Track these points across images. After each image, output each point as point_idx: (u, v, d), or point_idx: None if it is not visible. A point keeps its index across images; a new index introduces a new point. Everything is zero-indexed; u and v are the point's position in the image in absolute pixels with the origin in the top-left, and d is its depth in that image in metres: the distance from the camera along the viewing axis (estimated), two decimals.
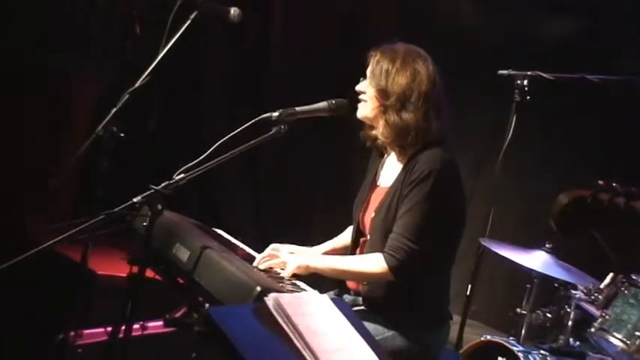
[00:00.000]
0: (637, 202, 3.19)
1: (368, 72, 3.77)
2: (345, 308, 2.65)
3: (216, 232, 3.97)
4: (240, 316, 2.44)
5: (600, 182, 3.26)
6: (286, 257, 3.65)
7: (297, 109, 3.58)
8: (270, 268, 3.61)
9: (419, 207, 3.56)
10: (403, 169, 3.71)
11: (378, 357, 2.53)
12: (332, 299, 2.70)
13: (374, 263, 3.59)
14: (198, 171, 3.35)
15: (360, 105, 3.80)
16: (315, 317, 2.51)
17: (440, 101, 3.72)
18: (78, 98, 6.28)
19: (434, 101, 3.68)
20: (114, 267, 4.89)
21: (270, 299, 2.46)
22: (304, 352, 2.37)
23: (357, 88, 3.80)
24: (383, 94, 3.70)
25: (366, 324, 3.02)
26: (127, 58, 5.35)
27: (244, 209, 7.47)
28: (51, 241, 3.26)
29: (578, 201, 3.34)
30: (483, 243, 4.85)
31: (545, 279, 4.67)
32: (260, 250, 3.82)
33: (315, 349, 2.38)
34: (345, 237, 4.09)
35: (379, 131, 3.75)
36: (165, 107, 6.98)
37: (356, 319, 2.64)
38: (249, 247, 3.95)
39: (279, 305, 2.45)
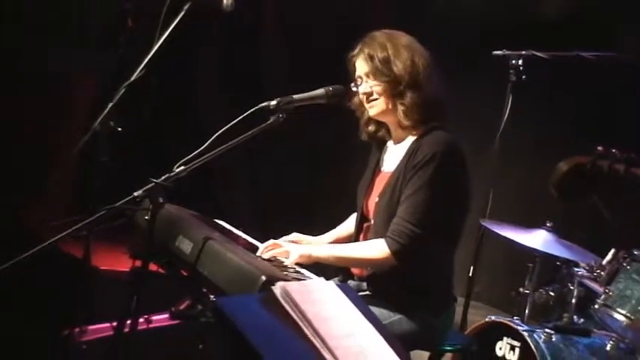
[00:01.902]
0: (637, 168, 3.18)
1: (365, 71, 3.72)
2: (351, 294, 2.65)
3: (217, 222, 3.97)
4: (248, 306, 2.43)
5: (599, 148, 3.25)
6: (289, 246, 3.64)
7: (294, 96, 3.57)
8: (274, 257, 3.60)
9: (422, 191, 3.55)
10: (407, 152, 3.69)
11: (387, 341, 2.53)
12: (338, 285, 2.70)
13: (376, 249, 3.58)
14: (198, 162, 3.35)
15: (371, 104, 3.75)
16: (323, 304, 2.51)
17: (436, 67, 3.73)
18: (75, 94, 6.27)
19: (434, 67, 3.69)
20: (116, 262, 4.90)
21: (277, 288, 2.46)
22: (313, 339, 2.37)
23: (362, 91, 3.75)
24: (394, 83, 3.67)
25: (372, 309, 3.01)
26: (121, 51, 5.33)
27: (245, 199, 7.47)
28: (53, 238, 3.26)
29: (578, 168, 3.34)
30: (484, 224, 4.85)
31: (546, 258, 4.68)
32: (262, 240, 3.81)
33: (325, 336, 2.38)
34: (349, 225, 4.09)
35: (401, 117, 3.69)
36: (162, 100, 6.97)
37: (363, 305, 2.64)
38: (251, 237, 3.95)
39: (286, 293, 2.45)
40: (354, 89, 3.77)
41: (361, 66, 3.75)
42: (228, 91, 7.36)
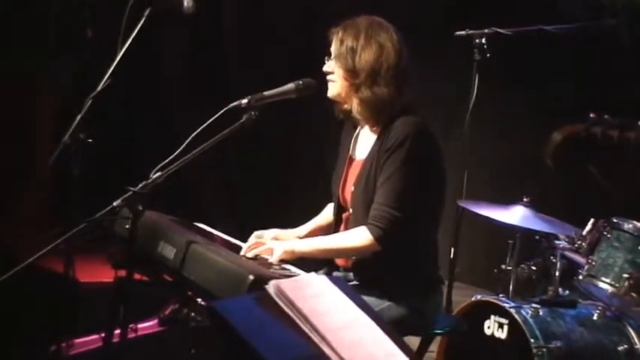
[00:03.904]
0: (630, 132, 3.19)
1: (333, 51, 3.72)
2: (343, 286, 2.64)
3: (197, 225, 3.95)
4: (243, 307, 2.42)
5: (592, 115, 3.26)
6: (272, 244, 3.63)
7: (265, 93, 3.56)
8: (257, 255, 3.59)
9: (398, 173, 3.55)
10: (378, 138, 3.69)
11: (383, 330, 2.53)
12: (329, 278, 2.69)
13: (359, 236, 3.58)
14: (174, 167, 3.34)
15: (329, 85, 3.75)
16: (318, 298, 2.50)
17: (408, 68, 3.69)
18: (38, 107, 6.18)
19: (402, 70, 3.66)
20: (96, 273, 4.85)
21: (270, 286, 2.45)
22: (312, 335, 2.37)
23: (325, 69, 3.74)
24: (352, 73, 3.66)
25: None
26: (83, 62, 5.26)
27: (221, 200, 7.45)
28: (36, 255, 3.22)
29: (572, 136, 3.34)
30: (461, 204, 4.86)
31: (526, 233, 4.68)
32: (242, 239, 3.80)
33: (322, 330, 2.38)
34: (327, 215, 4.07)
35: (354, 109, 3.70)
36: (130, 108, 6.94)
37: (355, 295, 2.64)
38: (230, 237, 3.93)
39: (280, 291, 2.44)
40: (326, 62, 3.77)
41: (333, 45, 3.73)
42: (197, 94, 7.33)
